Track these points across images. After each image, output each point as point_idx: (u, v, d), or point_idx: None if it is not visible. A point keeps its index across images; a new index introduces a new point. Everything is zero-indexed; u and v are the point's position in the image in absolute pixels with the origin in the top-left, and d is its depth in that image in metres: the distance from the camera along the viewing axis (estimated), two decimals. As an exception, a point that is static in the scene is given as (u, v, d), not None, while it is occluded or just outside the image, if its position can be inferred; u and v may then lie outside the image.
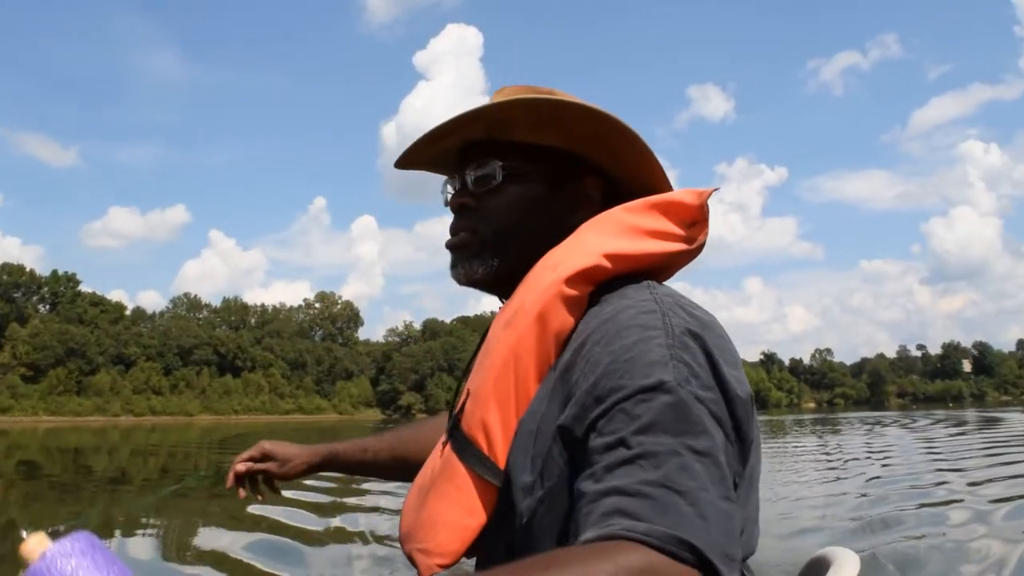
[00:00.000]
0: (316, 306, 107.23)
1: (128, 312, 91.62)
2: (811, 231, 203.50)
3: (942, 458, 10.38)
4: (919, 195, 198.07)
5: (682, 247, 0.84)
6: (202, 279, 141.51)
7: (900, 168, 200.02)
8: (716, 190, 0.84)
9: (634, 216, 0.84)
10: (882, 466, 9.69)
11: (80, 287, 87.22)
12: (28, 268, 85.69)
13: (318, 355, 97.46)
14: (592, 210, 0.89)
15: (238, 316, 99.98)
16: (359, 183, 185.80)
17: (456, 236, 0.92)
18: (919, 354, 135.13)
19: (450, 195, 0.95)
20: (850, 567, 0.80)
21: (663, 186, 0.93)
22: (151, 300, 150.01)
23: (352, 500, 7.34)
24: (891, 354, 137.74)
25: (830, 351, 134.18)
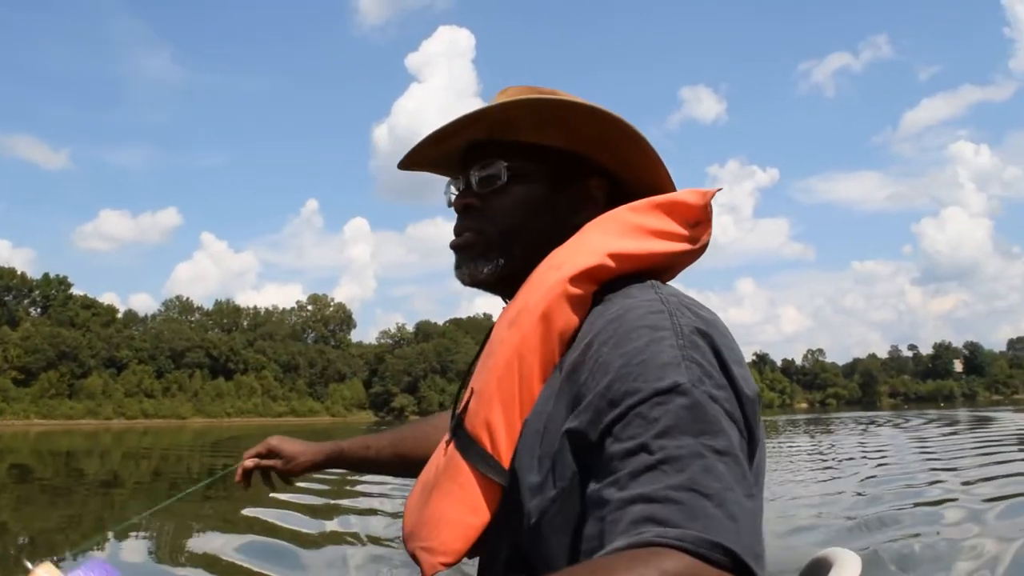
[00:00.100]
0: (308, 308, 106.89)
1: (120, 315, 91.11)
2: (803, 232, 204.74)
3: (936, 458, 10.45)
4: (910, 196, 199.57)
5: (686, 247, 0.84)
6: (194, 282, 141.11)
7: (891, 169, 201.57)
8: (720, 190, 0.84)
9: (638, 216, 0.83)
10: (876, 466, 9.76)
11: (72, 290, 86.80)
12: (19, 271, 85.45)
13: (311, 357, 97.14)
14: (596, 210, 0.89)
15: (230, 319, 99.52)
16: (351, 185, 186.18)
17: (461, 236, 0.92)
18: (911, 354, 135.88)
19: (454, 196, 0.95)
20: (851, 568, 0.79)
21: (667, 186, 0.93)
22: (143, 303, 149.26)
23: (346, 502, 7.34)
24: (883, 354, 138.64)
25: (822, 352, 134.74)
